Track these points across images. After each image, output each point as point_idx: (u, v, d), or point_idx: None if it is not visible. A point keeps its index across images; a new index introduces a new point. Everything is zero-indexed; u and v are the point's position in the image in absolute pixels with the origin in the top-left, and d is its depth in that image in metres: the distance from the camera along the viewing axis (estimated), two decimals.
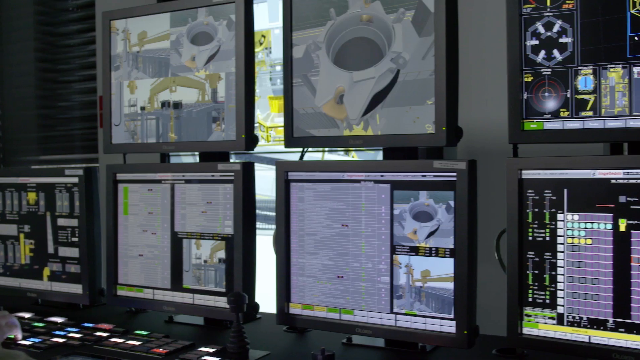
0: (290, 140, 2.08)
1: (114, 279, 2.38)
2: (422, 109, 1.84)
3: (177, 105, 2.26)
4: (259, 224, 2.23)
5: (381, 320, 1.91)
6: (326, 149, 2.59)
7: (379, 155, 2.45)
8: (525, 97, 1.73)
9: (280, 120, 2.86)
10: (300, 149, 2.12)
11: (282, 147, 2.12)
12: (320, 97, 2.01)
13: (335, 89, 1.98)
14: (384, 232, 1.90)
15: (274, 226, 2.10)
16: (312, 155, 2.54)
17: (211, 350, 1.96)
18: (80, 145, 3.68)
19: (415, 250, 1.86)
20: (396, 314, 1.89)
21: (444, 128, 1.79)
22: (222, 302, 2.15)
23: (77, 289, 2.44)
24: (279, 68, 2.85)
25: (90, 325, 2.26)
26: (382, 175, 1.90)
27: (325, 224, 1.99)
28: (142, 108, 2.33)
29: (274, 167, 2.07)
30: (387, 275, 1.90)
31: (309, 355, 1.85)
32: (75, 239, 2.43)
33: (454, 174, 1.79)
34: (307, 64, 2.04)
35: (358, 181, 1.94)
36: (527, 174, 1.73)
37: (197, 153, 2.91)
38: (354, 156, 2.69)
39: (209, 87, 2.19)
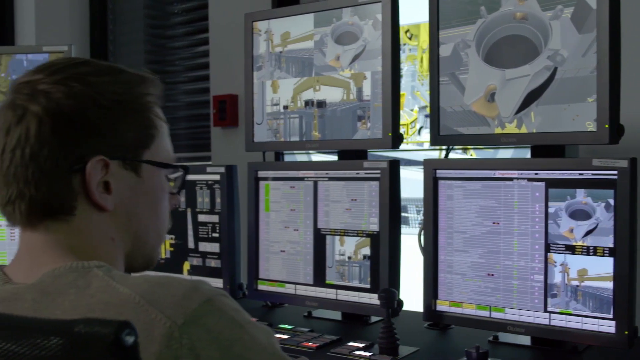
0: (437, 138, 2.10)
1: (255, 273, 2.44)
2: (582, 106, 1.82)
3: (321, 104, 2.30)
4: None
5: (534, 319, 1.90)
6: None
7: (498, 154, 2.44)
8: None
9: None
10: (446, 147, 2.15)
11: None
12: (470, 95, 2.02)
13: (486, 87, 1.99)
14: (537, 231, 1.89)
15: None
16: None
17: (360, 345, 1.99)
18: (186, 144, 3.78)
19: (571, 249, 1.84)
20: (550, 312, 1.88)
21: (606, 126, 1.77)
22: (366, 298, 2.18)
23: (217, 283, 2.51)
24: None
25: None
26: (536, 174, 1.89)
27: (475, 221, 2.00)
28: (285, 107, 2.38)
29: None
30: (540, 274, 1.89)
31: (458, 352, 1.87)
32: (215, 235, 2.51)
33: (615, 172, 1.77)
34: (455, 62, 2.05)
35: (510, 179, 1.94)
36: None
37: (312, 152, 2.97)
38: (472, 154, 2.68)
39: (354, 85, 2.22)
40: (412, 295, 2.19)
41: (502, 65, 1.96)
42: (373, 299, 2.15)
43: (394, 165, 2.14)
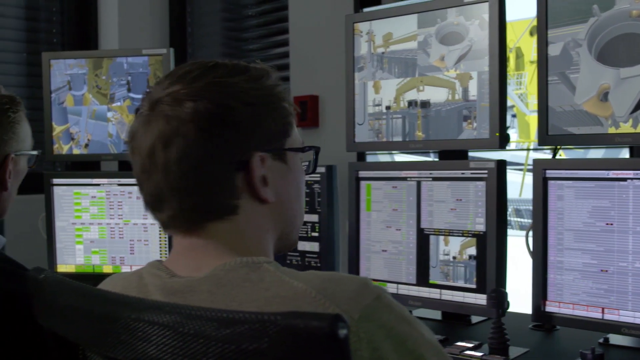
0: (545, 138, 2.08)
1: (356, 273, 2.46)
2: None
3: (424, 104, 2.30)
4: None
5: None
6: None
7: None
8: None
9: None
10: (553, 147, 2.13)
11: None
12: (581, 94, 2.00)
13: (599, 86, 1.96)
14: None
15: None
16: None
17: (469, 345, 1.99)
18: None
19: None
20: None
21: None
22: (471, 298, 2.18)
23: None
24: None
25: None
26: None
27: (587, 222, 1.98)
28: (388, 107, 2.40)
29: None
30: None
31: (570, 353, 1.85)
32: (315, 234, 2.53)
33: None
34: (565, 62, 2.03)
35: (624, 179, 1.91)
36: None
37: (395, 152, 2.97)
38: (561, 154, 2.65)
39: (459, 86, 2.22)
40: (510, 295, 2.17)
41: (616, 64, 1.93)
42: (479, 299, 2.15)
43: (501, 166, 2.13)
